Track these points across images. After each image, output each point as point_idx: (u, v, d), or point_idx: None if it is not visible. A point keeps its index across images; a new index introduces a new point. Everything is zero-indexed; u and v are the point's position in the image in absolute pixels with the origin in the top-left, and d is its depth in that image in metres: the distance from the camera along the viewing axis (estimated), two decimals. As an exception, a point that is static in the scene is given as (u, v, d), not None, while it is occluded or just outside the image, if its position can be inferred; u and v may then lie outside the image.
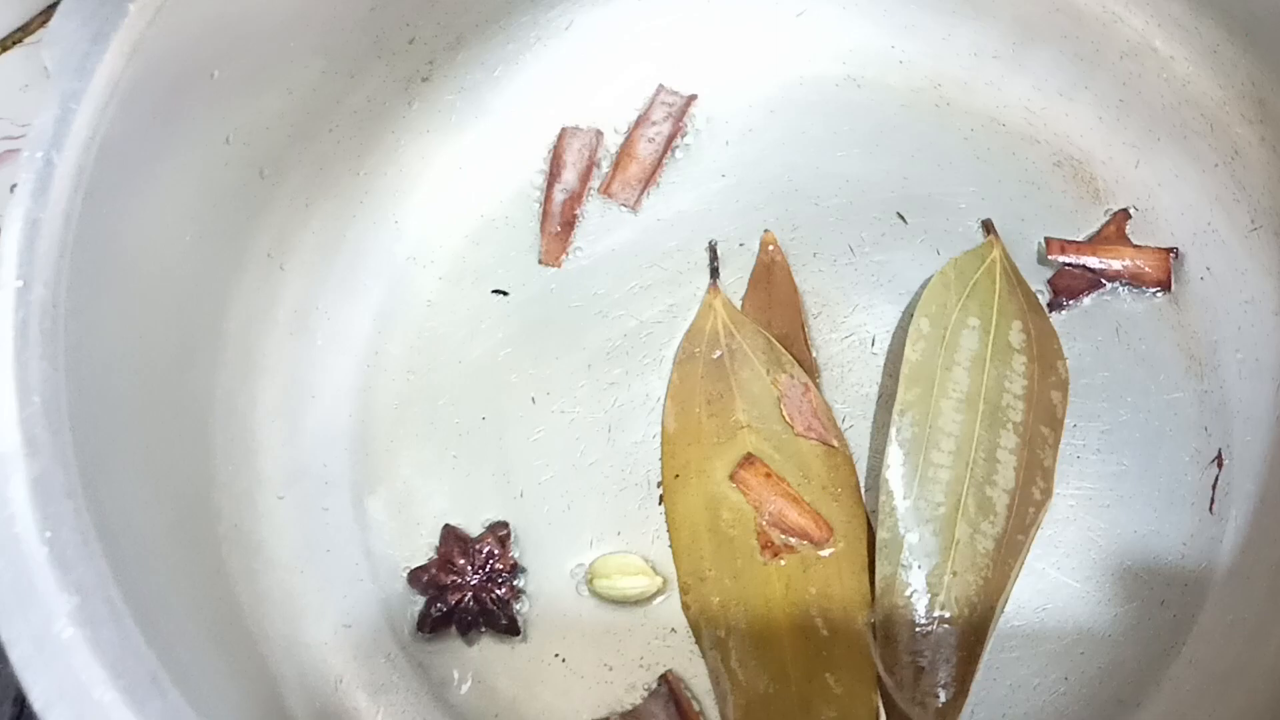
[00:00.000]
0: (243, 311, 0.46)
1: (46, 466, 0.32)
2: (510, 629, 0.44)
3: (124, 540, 0.34)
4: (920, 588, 0.43)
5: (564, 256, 0.50)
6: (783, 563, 0.44)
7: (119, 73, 0.38)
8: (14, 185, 0.35)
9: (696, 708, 0.43)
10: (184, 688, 0.31)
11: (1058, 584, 0.44)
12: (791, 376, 0.46)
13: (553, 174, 0.52)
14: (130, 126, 0.38)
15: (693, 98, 0.52)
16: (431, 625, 0.44)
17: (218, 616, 0.39)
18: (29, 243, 0.35)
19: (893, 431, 0.44)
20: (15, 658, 0.30)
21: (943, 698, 0.42)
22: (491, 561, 0.45)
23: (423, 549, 0.46)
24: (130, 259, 0.39)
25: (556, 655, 0.45)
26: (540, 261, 0.50)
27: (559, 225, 0.51)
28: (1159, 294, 0.47)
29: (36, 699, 0.29)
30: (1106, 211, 0.49)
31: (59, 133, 0.36)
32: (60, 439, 0.33)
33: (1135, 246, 0.48)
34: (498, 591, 0.45)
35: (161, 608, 0.34)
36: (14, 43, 0.59)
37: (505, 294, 0.49)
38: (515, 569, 0.45)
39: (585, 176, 0.52)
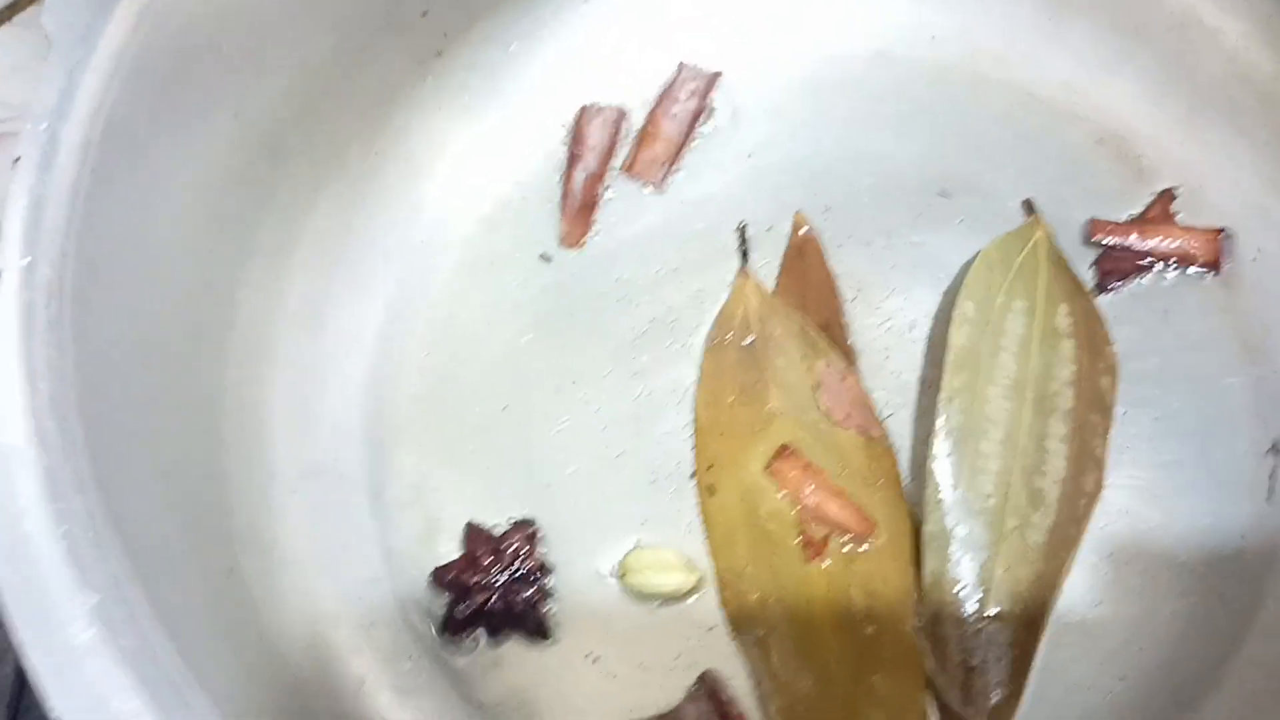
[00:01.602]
0: (252, 299, 0.43)
1: (56, 459, 0.30)
2: (539, 632, 0.42)
3: (139, 538, 0.32)
4: (970, 583, 0.41)
5: (585, 238, 0.48)
6: (826, 562, 0.42)
7: (124, 41, 0.35)
8: (16, 159, 0.33)
9: (737, 709, 0.41)
10: (209, 693, 0.29)
11: (1112, 578, 0.42)
12: (828, 363, 0.44)
13: (574, 153, 0.50)
14: (138, 100, 0.36)
15: (717, 75, 0.50)
16: (456, 627, 0.42)
17: (234, 618, 0.37)
18: (34, 220, 0.33)
19: (940, 420, 0.42)
20: (32, 664, 0.27)
21: (996, 698, 0.40)
22: (519, 560, 0.43)
23: (444, 547, 0.44)
24: (138, 242, 0.37)
25: (588, 655, 0.42)
26: (561, 243, 0.48)
27: (580, 206, 0.49)
28: (1209, 276, 0.45)
29: (54, 708, 0.27)
30: (1151, 192, 0.47)
31: (63, 104, 0.34)
32: (69, 430, 0.31)
33: (1183, 227, 0.46)
34: (526, 593, 0.42)
35: (180, 609, 0.32)
36: (3, 20, 0.56)
37: (549, 259, 0.47)
38: (544, 569, 0.43)
39: (607, 155, 0.49)
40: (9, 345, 0.31)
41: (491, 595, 0.42)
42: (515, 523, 0.44)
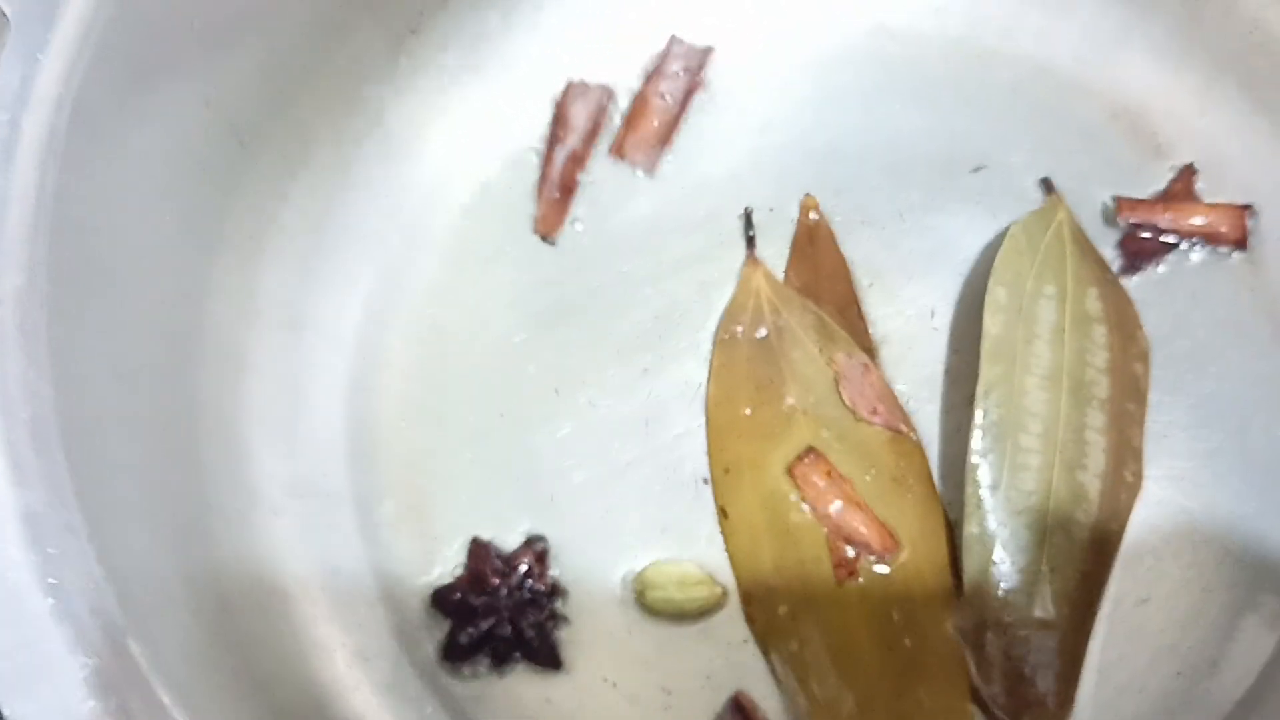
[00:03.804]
0: (224, 301, 0.40)
1: (39, 496, 0.26)
2: (550, 661, 0.39)
3: (132, 584, 0.28)
4: (1015, 587, 0.38)
5: (561, 226, 0.45)
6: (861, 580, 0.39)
7: (90, 19, 0.31)
8: (-28, 154, 0.29)
9: (776, 733, 0.38)
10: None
11: (1157, 573, 0.40)
12: (849, 355, 0.42)
13: (554, 135, 0.46)
14: (106, 84, 0.32)
15: (709, 50, 0.47)
16: (460, 654, 0.39)
17: (230, 662, 0.33)
18: (-3, 222, 0.28)
19: (978, 414, 0.39)
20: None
21: (1046, 706, 0.38)
22: (529, 581, 0.39)
23: (441, 568, 0.41)
24: (108, 242, 0.33)
25: (605, 680, 0.39)
26: (535, 232, 0.45)
27: (558, 191, 0.45)
28: (1235, 254, 0.43)
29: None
30: (1171, 167, 0.45)
31: (24, 90, 0.30)
32: (51, 462, 0.27)
33: (1207, 204, 0.44)
34: (536, 617, 0.39)
35: (179, 664, 0.28)
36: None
37: (552, 243, 0.44)
38: (555, 591, 0.40)
39: (590, 137, 0.46)
40: (-23, 367, 0.27)
41: (499, 618, 0.39)
42: (526, 539, 0.40)
